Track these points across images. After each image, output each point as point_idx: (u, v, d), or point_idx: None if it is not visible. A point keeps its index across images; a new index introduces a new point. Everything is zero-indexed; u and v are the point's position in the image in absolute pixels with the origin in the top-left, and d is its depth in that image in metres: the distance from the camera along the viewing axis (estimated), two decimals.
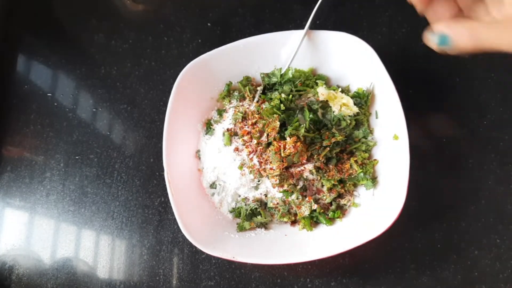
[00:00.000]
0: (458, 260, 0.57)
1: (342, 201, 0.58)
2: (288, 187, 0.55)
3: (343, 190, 0.57)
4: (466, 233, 0.58)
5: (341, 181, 0.57)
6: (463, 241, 0.58)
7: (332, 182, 0.56)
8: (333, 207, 0.57)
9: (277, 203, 0.57)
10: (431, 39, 0.38)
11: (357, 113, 0.58)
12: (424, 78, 0.65)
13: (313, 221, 0.57)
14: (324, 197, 0.57)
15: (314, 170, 0.56)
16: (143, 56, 0.71)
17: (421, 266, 0.57)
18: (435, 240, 0.58)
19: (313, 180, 0.57)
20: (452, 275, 0.56)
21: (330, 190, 0.57)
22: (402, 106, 0.54)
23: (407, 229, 0.58)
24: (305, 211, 0.56)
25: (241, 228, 0.57)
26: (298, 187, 0.56)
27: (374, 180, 0.56)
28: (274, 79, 0.62)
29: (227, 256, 0.51)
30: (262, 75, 0.62)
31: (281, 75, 0.61)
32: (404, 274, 0.57)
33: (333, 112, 0.58)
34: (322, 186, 0.57)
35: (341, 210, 0.57)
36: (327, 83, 0.62)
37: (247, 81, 0.63)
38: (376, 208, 0.55)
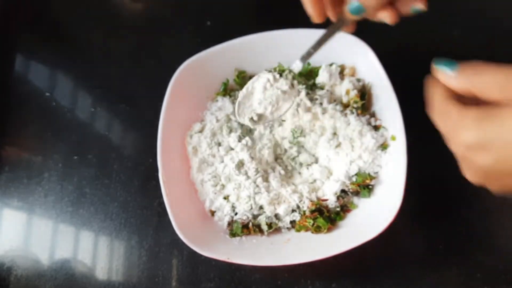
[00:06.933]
0: (460, 261, 0.56)
1: (344, 202, 0.57)
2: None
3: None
4: (469, 233, 0.57)
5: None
6: (466, 241, 0.57)
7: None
8: (338, 209, 0.56)
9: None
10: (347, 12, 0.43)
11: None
12: (423, 77, 0.64)
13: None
14: (330, 204, 0.56)
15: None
16: (141, 55, 0.70)
17: (423, 267, 0.56)
18: (438, 240, 0.57)
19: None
20: (455, 276, 0.56)
21: (338, 198, 0.56)
22: (400, 105, 0.53)
23: (409, 230, 0.57)
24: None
25: (233, 235, 0.56)
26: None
27: (370, 190, 0.56)
28: None
29: (222, 257, 0.51)
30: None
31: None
32: (406, 275, 0.56)
33: None
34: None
35: (343, 211, 0.56)
36: None
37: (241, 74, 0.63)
38: (374, 208, 0.54)
